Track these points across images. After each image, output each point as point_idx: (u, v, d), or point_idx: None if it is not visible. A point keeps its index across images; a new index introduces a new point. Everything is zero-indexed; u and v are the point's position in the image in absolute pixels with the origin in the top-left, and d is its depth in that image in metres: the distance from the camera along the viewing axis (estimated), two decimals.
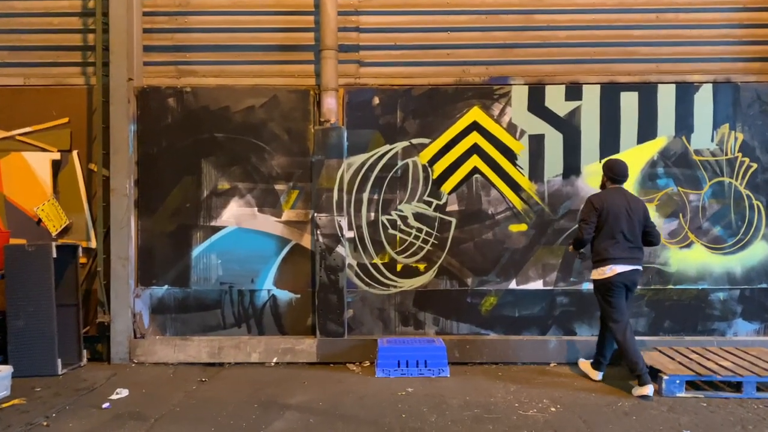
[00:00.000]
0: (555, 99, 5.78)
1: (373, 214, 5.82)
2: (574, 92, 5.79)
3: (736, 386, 4.67)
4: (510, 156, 5.81)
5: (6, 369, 4.77)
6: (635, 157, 5.75)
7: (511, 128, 5.81)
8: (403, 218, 5.83)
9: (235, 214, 5.84)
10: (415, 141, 5.82)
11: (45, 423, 4.13)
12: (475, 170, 5.81)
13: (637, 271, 4.82)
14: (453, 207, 5.83)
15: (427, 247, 5.81)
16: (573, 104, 5.79)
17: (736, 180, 5.77)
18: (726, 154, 5.78)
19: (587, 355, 5.39)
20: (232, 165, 5.84)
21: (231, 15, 5.91)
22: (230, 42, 5.92)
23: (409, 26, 5.90)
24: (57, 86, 5.87)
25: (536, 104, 5.79)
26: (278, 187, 5.84)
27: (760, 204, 5.79)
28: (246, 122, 5.83)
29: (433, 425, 4.07)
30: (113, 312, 5.66)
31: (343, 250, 5.69)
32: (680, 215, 5.79)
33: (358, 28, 5.90)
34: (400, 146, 5.83)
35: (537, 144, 5.80)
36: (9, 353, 5.18)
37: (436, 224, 5.82)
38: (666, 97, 5.77)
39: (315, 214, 5.71)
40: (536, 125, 5.80)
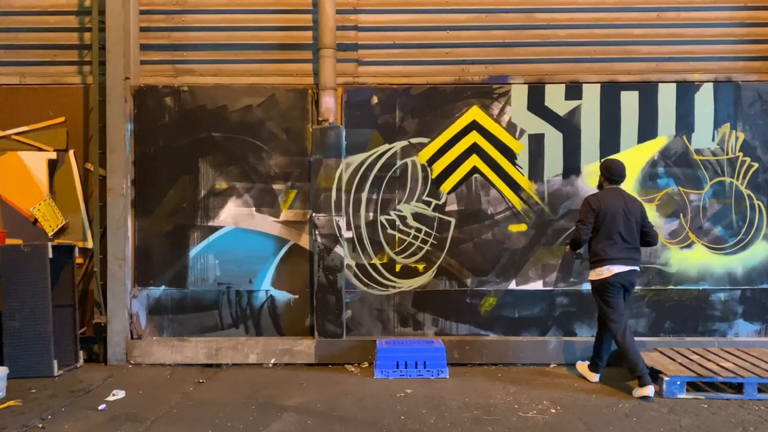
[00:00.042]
0: (555, 98, 5.76)
1: (372, 214, 5.80)
2: (574, 91, 5.77)
3: (738, 387, 4.65)
4: (509, 155, 5.79)
5: (1, 370, 4.74)
6: (636, 157, 5.73)
7: (511, 128, 5.79)
8: (402, 218, 5.81)
9: (233, 214, 5.82)
10: (414, 140, 5.80)
11: (40, 425, 4.10)
12: (475, 170, 5.79)
13: (635, 272, 4.82)
14: (452, 207, 5.81)
15: (426, 248, 5.79)
16: (573, 103, 5.77)
17: (737, 180, 5.75)
18: (727, 154, 5.76)
19: (587, 357, 5.36)
20: (230, 164, 5.81)
21: (228, 13, 5.89)
22: (228, 41, 5.90)
23: (408, 25, 5.88)
24: (53, 85, 5.85)
25: (536, 103, 5.78)
26: (276, 187, 5.81)
27: (761, 204, 5.77)
28: (244, 121, 5.81)
29: (432, 427, 4.05)
30: (110, 313, 5.64)
31: (342, 251, 5.67)
32: (681, 215, 5.77)
33: (357, 27, 5.88)
34: (399, 146, 5.80)
35: (537, 143, 5.78)
36: (5, 354, 5.16)
37: (435, 224, 5.80)
38: (666, 97, 5.75)
39: (313, 214, 5.69)
40: (536, 125, 5.78)
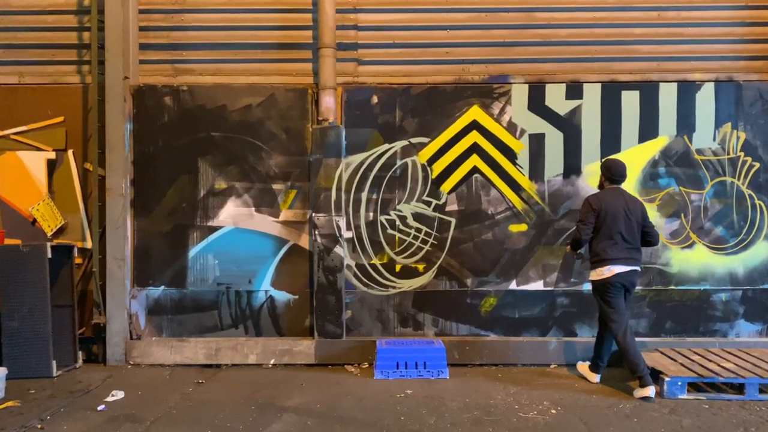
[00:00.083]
0: (555, 98, 5.75)
1: (372, 214, 5.79)
2: (575, 91, 5.76)
3: (739, 388, 4.64)
4: (510, 155, 5.77)
5: (0, 371, 4.73)
6: (636, 157, 5.72)
7: (511, 127, 5.77)
8: (402, 218, 5.79)
9: (233, 214, 5.80)
10: (414, 140, 5.79)
11: (39, 425, 4.09)
12: (475, 170, 5.77)
13: (636, 272, 4.81)
14: (452, 207, 5.79)
15: (427, 248, 5.77)
16: (574, 103, 5.75)
17: (739, 179, 5.74)
18: (728, 154, 5.75)
19: (588, 357, 5.33)
20: (229, 164, 5.80)
21: (228, 12, 5.87)
22: (227, 40, 5.88)
23: (408, 24, 5.86)
24: (52, 85, 5.83)
25: (536, 103, 5.76)
26: (276, 187, 5.80)
27: (763, 204, 5.75)
28: (243, 121, 5.79)
29: (432, 428, 4.04)
30: (109, 313, 5.62)
31: (342, 251, 5.66)
32: (682, 215, 5.76)
33: (357, 26, 5.86)
34: (399, 145, 5.79)
35: (537, 143, 5.77)
36: (3, 355, 5.15)
37: (436, 224, 5.78)
38: (667, 96, 5.74)
39: (313, 214, 5.67)
40: (536, 124, 5.76)
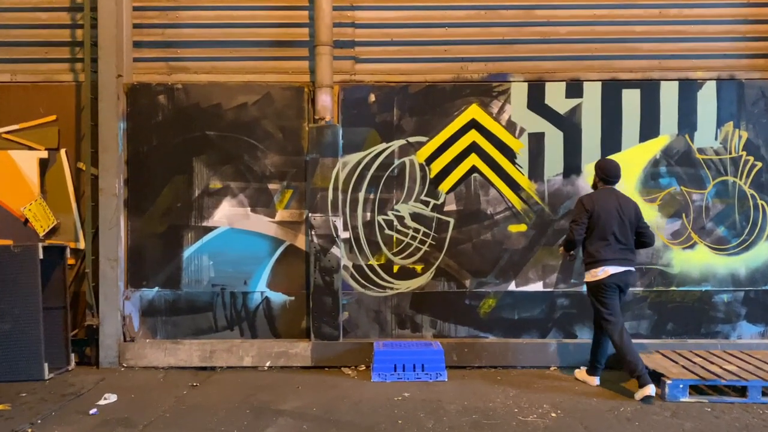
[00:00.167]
0: (555, 96, 5.71)
1: (369, 214, 5.75)
2: (575, 89, 5.72)
3: (741, 391, 4.60)
4: (509, 155, 5.73)
5: None
6: (637, 156, 5.69)
7: (511, 126, 5.74)
8: (400, 218, 5.75)
9: (228, 214, 5.76)
10: (412, 139, 5.75)
11: (30, 430, 4.05)
12: (474, 169, 5.73)
13: (630, 272, 4.81)
14: (451, 207, 5.75)
15: (425, 248, 5.74)
16: (574, 102, 5.72)
17: (741, 179, 5.70)
18: (730, 153, 5.71)
19: (586, 361, 5.28)
20: (225, 164, 5.75)
21: (223, 10, 5.83)
22: (222, 38, 5.84)
23: (406, 22, 5.82)
24: (45, 83, 5.78)
25: (536, 102, 5.72)
26: (272, 187, 5.75)
27: (765, 204, 5.71)
28: (238, 120, 5.75)
29: (431, 431, 3.98)
30: (102, 315, 5.58)
31: (339, 251, 5.61)
32: (683, 215, 5.72)
33: (354, 24, 5.82)
34: (397, 144, 5.75)
35: (537, 142, 5.73)
36: None
37: (434, 224, 5.75)
38: (669, 95, 5.70)
39: (309, 214, 5.63)
40: (536, 123, 5.72)
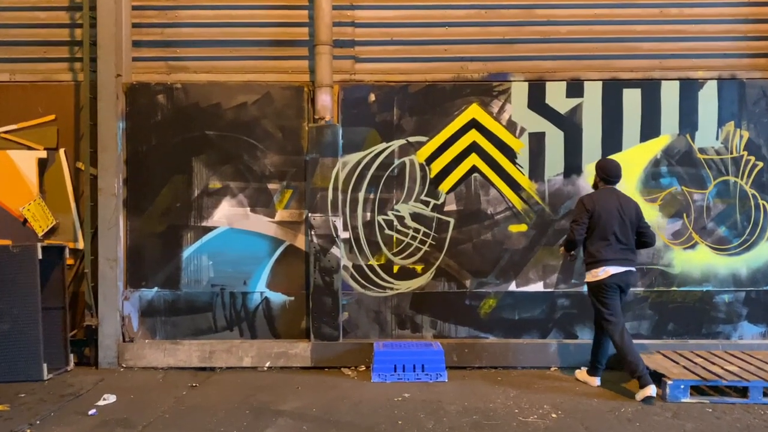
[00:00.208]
0: (556, 96, 5.69)
1: (369, 214, 5.73)
2: (576, 89, 5.70)
3: (742, 391, 4.58)
4: (510, 154, 5.71)
5: None
6: (638, 156, 5.67)
7: (511, 126, 5.72)
8: (400, 218, 5.73)
9: (227, 214, 5.74)
10: (412, 139, 5.73)
11: (28, 430, 4.04)
12: (474, 169, 5.72)
13: (631, 272, 4.81)
14: (451, 207, 5.73)
15: (425, 248, 5.72)
16: (574, 101, 5.70)
17: (742, 179, 5.69)
18: (731, 153, 5.69)
19: (586, 361, 5.26)
20: (224, 163, 5.73)
21: (223, 9, 5.80)
22: (222, 37, 5.82)
23: (406, 21, 5.80)
24: (44, 82, 5.76)
25: (536, 101, 5.70)
26: (271, 187, 5.73)
27: (766, 204, 5.69)
28: (238, 119, 5.73)
29: None
30: (101, 315, 5.56)
31: (338, 251, 5.59)
32: (684, 215, 5.70)
33: (354, 23, 5.80)
34: (397, 144, 5.73)
35: (537, 142, 5.71)
36: None
37: (434, 224, 5.73)
38: (669, 94, 5.68)
39: (309, 214, 5.60)
40: (536, 123, 5.70)
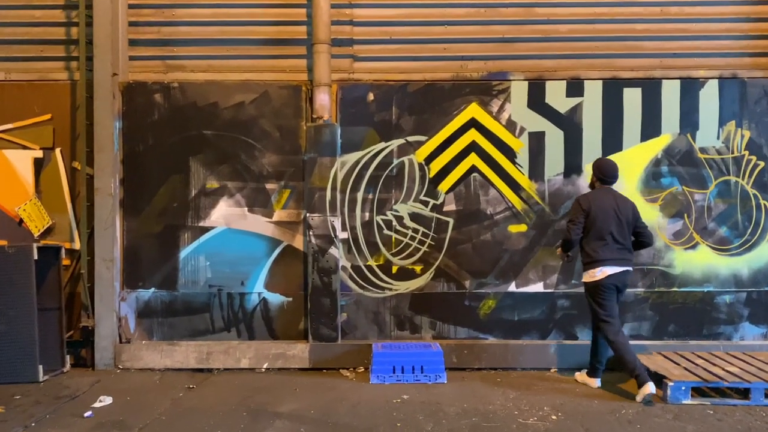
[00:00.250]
0: (556, 95, 5.67)
1: (368, 215, 5.70)
2: (576, 88, 5.67)
3: (744, 393, 4.56)
4: (509, 154, 5.69)
5: None
6: (639, 156, 5.65)
7: (511, 125, 5.69)
8: (399, 218, 5.70)
9: (225, 215, 5.71)
10: (411, 138, 5.70)
11: None
12: (474, 169, 5.69)
13: (628, 272, 4.82)
14: (450, 207, 5.70)
15: (424, 249, 5.69)
16: (574, 100, 5.67)
17: (743, 179, 5.66)
18: (732, 152, 5.67)
19: (586, 362, 5.24)
20: (221, 163, 5.70)
21: (220, 8, 5.77)
22: (219, 36, 5.78)
23: (405, 19, 5.77)
24: (39, 81, 5.72)
25: (536, 100, 5.68)
26: (269, 186, 5.70)
27: None
28: (235, 119, 5.70)
29: None
30: (97, 316, 5.52)
31: (337, 252, 5.57)
32: (685, 215, 5.68)
33: (352, 22, 5.77)
34: (396, 144, 5.70)
35: (537, 142, 5.68)
36: None
37: (433, 225, 5.70)
38: (670, 94, 5.65)
39: (307, 215, 5.57)
40: (536, 122, 5.68)
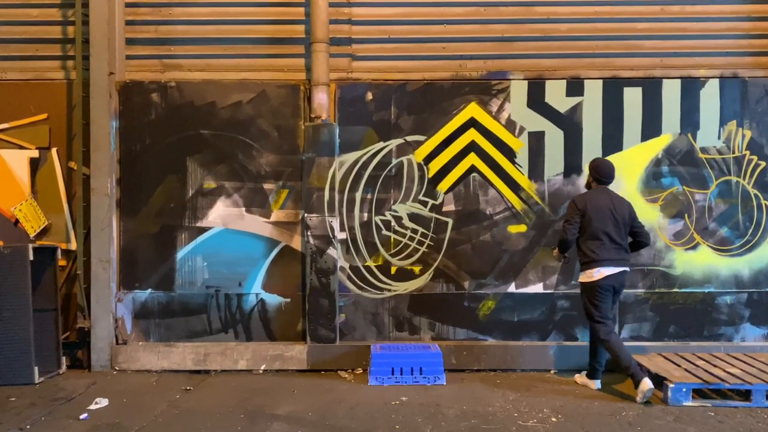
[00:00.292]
0: (556, 94, 5.64)
1: (366, 215, 5.67)
2: (576, 87, 5.64)
3: (745, 395, 4.53)
4: (509, 154, 5.66)
5: None
6: (639, 156, 5.63)
7: (510, 125, 5.66)
8: (398, 219, 5.67)
9: (222, 215, 5.68)
10: (410, 138, 5.67)
11: None
12: (473, 169, 5.66)
13: (625, 273, 4.83)
14: (449, 207, 5.67)
15: (423, 249, 5.66)
16: (574, 100, 5.64)
17: (744, 179, 5.64)
18: (733, 152, 5.64)
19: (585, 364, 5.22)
20: (219, 163, 5.67)
21: (218, 6, 5.74)
22: (217, 34, 5.75)
23: (404, 18, 5.74)
24: (35, 80, 5.69)
25: (536, 100, 5.65)
26: (267, 187, 5.67)
27: None
28: (233, 118, 5.66)
29: None
30: (94, 317, 5.49)
31: (335, 252, 5.53)
32: (686, 215, 5.66)
33: (351, 21, 5.74)
34: (395, 144, 5.67)
35: (537, 141, 5.65)
36: None
37: (432, 225, 5.67)
38: (671, 93, 5.63)
39: (305, 215, 5.54)
40: (536, 122, 5.65)
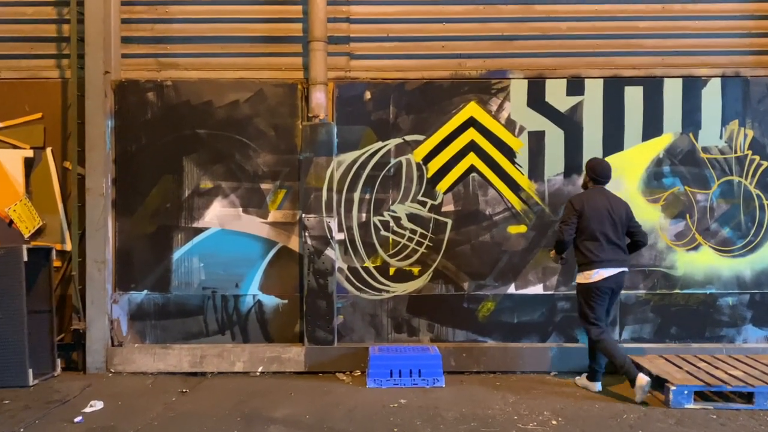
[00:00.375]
0: (556, 94, 5.61)
1: (365, 215, 5.63)
2: (576, 87, 5.61)
3: (747, 397, 4.50)
4: (509, 154, 5.63)
5: None
6: (640, 155, 5.61)
7: (510, 124, 5.63)
8: (396, 219, 5.64)
9: (219, 215, 5.64)
10: (409, 138, 5.63)
11: None
12: (472, 169, 5.63)
13: (624, 273, 4.83)
14: (449, 207, 5.64)
15: (422, 250, 5.63)
16: (575, 99, 5.61)
17: (746, 179, 5.61)
18: (735, 152, 5.62)
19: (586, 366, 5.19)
20: (216, 163, 5.64)
21: (214, 5, 5.70)
22: (213, 33, 5.72)
23: (403, 17, 5.71)
24: (30, 80, 5.66)
25: (536, 99, 5.62)
26: (264, 187, 5.64)
27: None
28: (230, 118, 5.63)
29: None
30: (89, 319, 5.46)
31: (333, 253, 5.50)
32: (687, 216, 5.63)
33: (349, 19, 5.70)
34: (393, 143, 5.63)
35: (537, 141, 5.62)
36: None
37: (431, 225, 5.63)
38: (672, 92, 5.60)
39: (303, 215, 5.51)
40: (536, 121, 5.62)
